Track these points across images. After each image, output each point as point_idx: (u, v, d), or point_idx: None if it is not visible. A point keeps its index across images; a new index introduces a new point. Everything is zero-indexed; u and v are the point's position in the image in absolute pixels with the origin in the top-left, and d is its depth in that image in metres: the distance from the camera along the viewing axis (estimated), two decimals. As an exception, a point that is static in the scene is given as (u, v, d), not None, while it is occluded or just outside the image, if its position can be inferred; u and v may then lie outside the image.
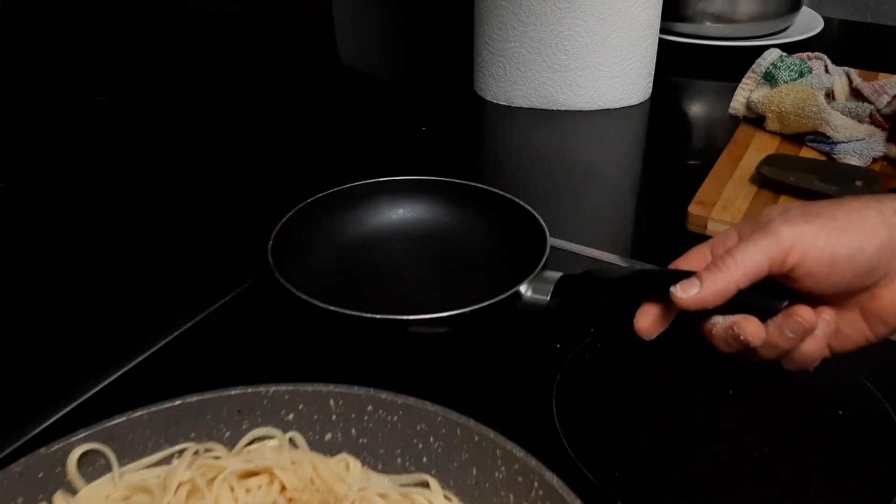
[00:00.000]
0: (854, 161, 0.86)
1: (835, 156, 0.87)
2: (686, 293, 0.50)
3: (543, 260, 0.65)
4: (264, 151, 0.81)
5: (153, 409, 0.48)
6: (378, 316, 0.60)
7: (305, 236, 0.74)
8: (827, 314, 0.50)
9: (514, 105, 1.07)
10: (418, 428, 0.49)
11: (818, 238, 0.49)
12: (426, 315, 0.60)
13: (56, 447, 0.46)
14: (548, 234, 0.68)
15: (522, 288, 0.62)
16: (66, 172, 0.59)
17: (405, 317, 0.60)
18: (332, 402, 0.50)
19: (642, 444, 0.56)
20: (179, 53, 0.67)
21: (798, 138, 0.92)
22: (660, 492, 0.53)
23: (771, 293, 0.51)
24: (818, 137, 0.89)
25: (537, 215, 0.71)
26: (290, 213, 0.73)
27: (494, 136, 1.06)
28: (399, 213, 0.80)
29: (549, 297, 0.61)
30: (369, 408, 0.50)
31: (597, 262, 0.75)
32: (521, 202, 0.74)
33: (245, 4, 0.75)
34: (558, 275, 0.62)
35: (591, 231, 0.83)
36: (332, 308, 0.61)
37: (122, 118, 0.63)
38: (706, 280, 0.50)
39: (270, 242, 0.68)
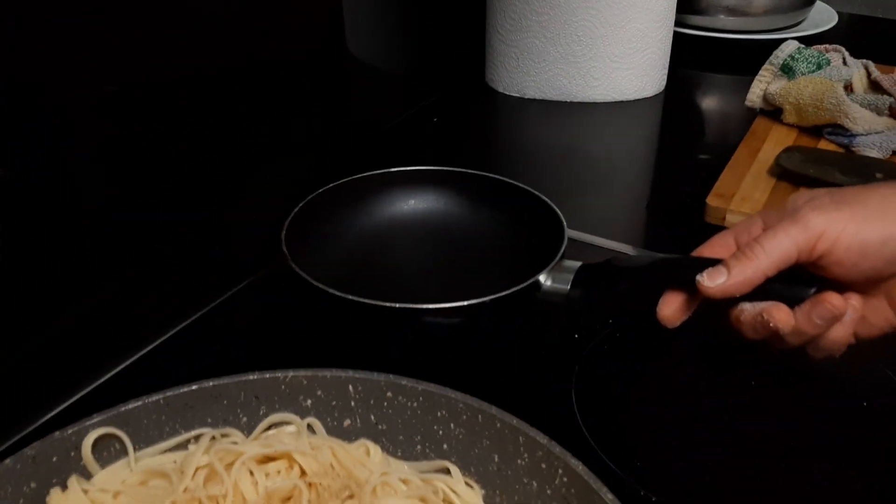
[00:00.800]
0: (873, 153, 0.85)
1: (853, 148, 0.86)
2: (713, 282, 0.50)
3: (562, 249, 0.64)
4: (276, 143, 0.80)
5: (169, 393, 0.47)
6: (397, 305, 0.59)
7: (318, 226, 0.73)
8: (854, 300, 0.50)
9: (526, 97, 1.06)
10: (439, 414, 0.48)
11: (849, 226, 0.48)
12: (446, 304, 0.59)
13: (70, 431, 0.45)
14: (565, 223, 0.67)
15: (542, 277, 0.61)
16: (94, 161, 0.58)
17: (424, 306, 0.59)
18: (350, 387, 0.49)
19: (664, 434, 0.56)
20: (192, 43, 0.66)
21: (816, 131, 0.91)
22: (683, 482, 0.52)
23: (798, 280, 0.51)
24: (836, 130, 0.88)
25: (553, 205, 0.70)
26: (302, 203, 0.72)
27: (507, 128, 1.05)
28: (410, 205, 0.79)
29: (569, 287, 0.60)
30: (388, 394, 0.49)
31: (614, 254, 0.74)
32: (536, 192, 0.73)
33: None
34: (578, 264, 0.61)
35: (606, 223, 0.82)
36: (348, 297, 0.60)
37: (138, 110, 0.62)
38: (734, 268, 0.49)
39: (284, 232, 0.67)
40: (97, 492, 0.44)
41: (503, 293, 0.59)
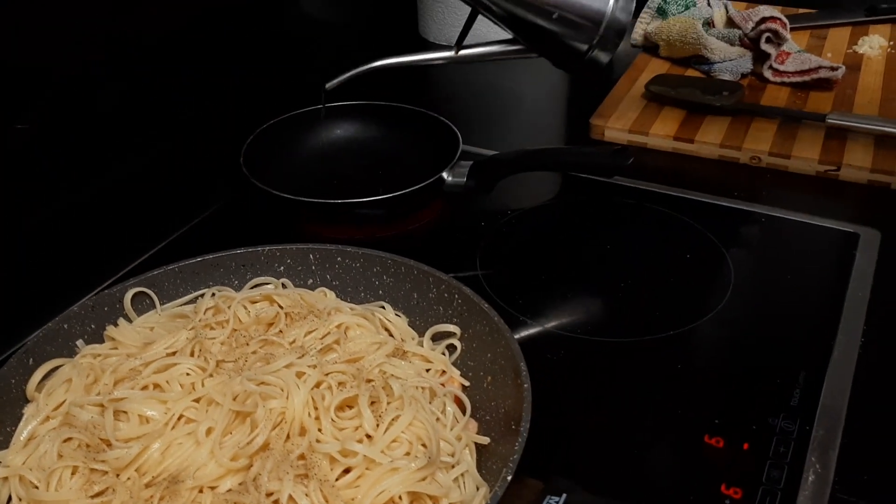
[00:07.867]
0: (727, 77, 1.06)
1: (713, 74, 1.07)
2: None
3: (458, 152, 0.84)
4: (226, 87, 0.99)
5: (182, 263, 0.67)
6: (339, 201, 0.78)
7: (267, 154, 0.90)
8: None
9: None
10: (374, 270, 0.68)
11: None
12: (373, 198, 0.79)
13: (116, 288, 0.64)
14: (460, 137, 0.87)
15: (444, 174, 0.81)
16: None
17: (357, 199, 0.79)
18: (311, 256, 0.69)
19: (545, 282, 0.76)
20: None
21: (685, 62, 1.11)
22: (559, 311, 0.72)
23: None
24: (699, 59, 1.08)
25: (450, 123, 0.89)
26: (252, 136, 0.90)
27: (437, 71, 1.24)
28: (344, 129, 0.97)
29: (465, 179, 0.80)
30: (338, 258, 0.69)
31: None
32: (437, 115, 0.91)
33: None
34: (471, 162, 0.81)
35: (507, 141, 1.01)
36: (301, 199, 0.79)
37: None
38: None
39: (241, 159, 0.86)
40: (138, 327, 0.63)
41: (414, 188, 0.79)
